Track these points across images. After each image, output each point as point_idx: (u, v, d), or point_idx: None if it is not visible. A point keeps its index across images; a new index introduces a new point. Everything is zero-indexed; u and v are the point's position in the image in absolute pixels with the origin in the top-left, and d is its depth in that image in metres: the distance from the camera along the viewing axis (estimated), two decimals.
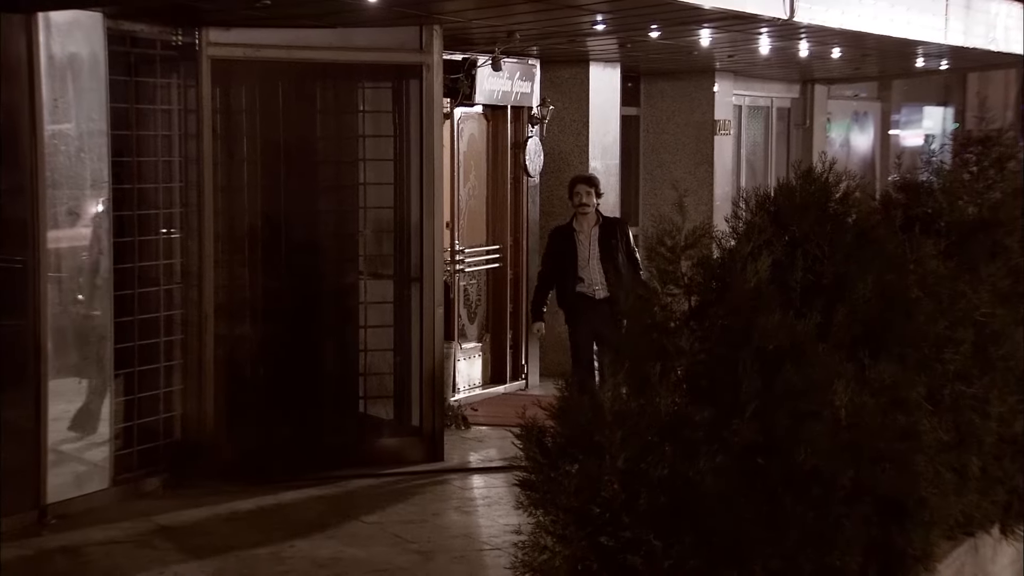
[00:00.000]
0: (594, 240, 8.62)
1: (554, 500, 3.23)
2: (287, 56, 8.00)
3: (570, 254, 8.64)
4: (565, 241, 8.70)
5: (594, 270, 8.57)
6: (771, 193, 4.12)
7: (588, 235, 8.65)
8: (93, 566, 6.33)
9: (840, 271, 3.94)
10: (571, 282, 8.60)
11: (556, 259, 8.76)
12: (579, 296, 8.59)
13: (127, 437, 7.57)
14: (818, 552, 3.20)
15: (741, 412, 3.23)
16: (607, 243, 8.57)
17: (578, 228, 8.70)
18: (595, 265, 8.57)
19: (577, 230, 8.70)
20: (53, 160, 6.93)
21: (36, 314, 6.93)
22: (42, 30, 6.79)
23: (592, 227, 8.66)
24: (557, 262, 8.74)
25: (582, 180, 8.93)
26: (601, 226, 8.69)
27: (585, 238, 8.65)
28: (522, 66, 10.34)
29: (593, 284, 8.58)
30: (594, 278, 8.57)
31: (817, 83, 15.02)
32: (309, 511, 7.25)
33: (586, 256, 8.62)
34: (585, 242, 8.64)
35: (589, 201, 8.68)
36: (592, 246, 8.61)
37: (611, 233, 8.63)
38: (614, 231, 8.67)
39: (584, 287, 8.58)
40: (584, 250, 8.63)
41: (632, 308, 3.50)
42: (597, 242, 8.61)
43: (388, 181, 8.39)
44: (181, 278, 7.88)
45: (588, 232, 8.65)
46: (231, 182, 8.02)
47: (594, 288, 8.58)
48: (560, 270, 8.69)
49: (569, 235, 8.71)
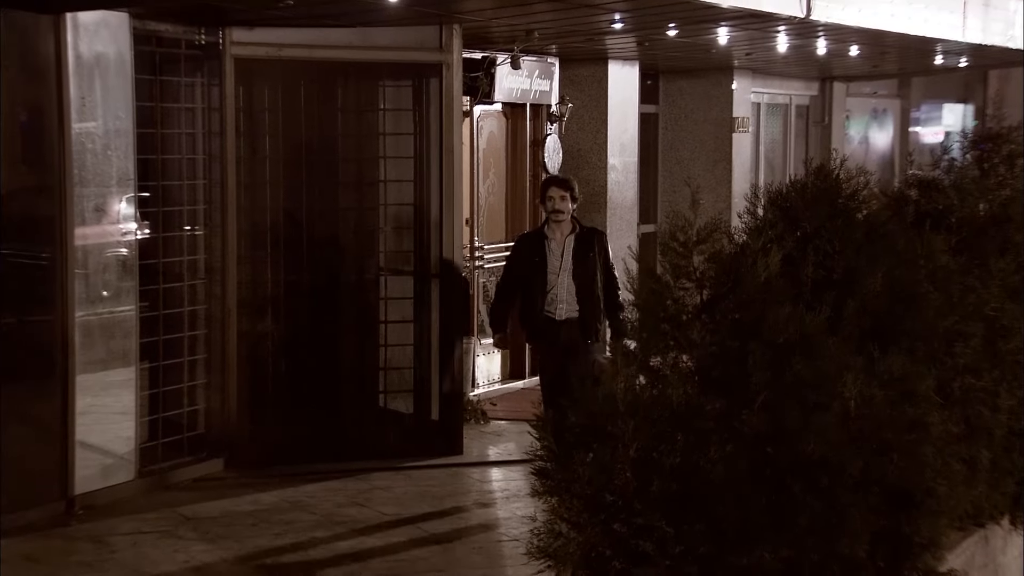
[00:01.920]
0: (568, 251, 7.47)
1: (569, 488, 3.33)
2: (309, 55, 8.11)
3: (538, 265, 7.47)
4: (533, 249, 7.55)
5: (563, 286, 7.43)
6: (783, 189, 4.20)
7: (561, 245, 7.50)
8: (120, 555, 6.45)
9: (850, 266, 4.02)
10: (538, 298, 7.49)
11: (521, 270, 7.61)
12: (546, 315, 7.50)
13: (152, 430, 7.70)
14: (826, 539, 3.28)
15: (751, 403, 3.32)
16: (582, 256, 7.46)
17: (550, 236, 7.54)
18: (565, 280, 7.44)
19: (549, 238, 7.54)
20: (80, 158, 7.05)
21: (64, 310, 7.05)
22: (70, 30, 6.91)
23: (566, 236, 7.52)
24: (522, 273, 7.59)
25: (556, 183, 7.77)
26: (577, 236, 7.54)
27: (557, 247, 7.49)
28: (541, 64, 10.43)
29: (558, 301, 7.45)
30: (560, 294, 7.44)
31: (836, 80, 15.06)
32: (330, 503, 7.35)
33: (556, 268, 7.46)
34: (557, 251, 7.48)
35: (564, 207, 7.52)
36: (565, 258, 7.46)
37: (588, 245, 7.50)
38: (591, 243, 7.53)
39: (549, 305, 7.47)
40: (555, 261, 7.47)
41: (646, 301, 3.59)
42: (571, 254, 7.46)
43: (408, 178, 8.48)
44: (205, 274, 8.00)
45: (561, 242, 7.50)
46: (254, 179, 8.13)
47: (558, 306, 7.45)
48: (525, 283, 7.56)
49: (539, 243, 7.56)
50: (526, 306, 7.57)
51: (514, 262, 7.79)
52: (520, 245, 7.83)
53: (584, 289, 7.40)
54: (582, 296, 7.39)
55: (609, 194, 11.18)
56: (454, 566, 6.31)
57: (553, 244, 7.50)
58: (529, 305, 7.54)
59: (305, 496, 7.49)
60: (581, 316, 7.41)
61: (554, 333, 7.47)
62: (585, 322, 7.42)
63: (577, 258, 7.43)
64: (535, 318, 7.53)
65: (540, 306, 7.47)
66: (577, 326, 7.40)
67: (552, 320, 7.46)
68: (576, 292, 7.40)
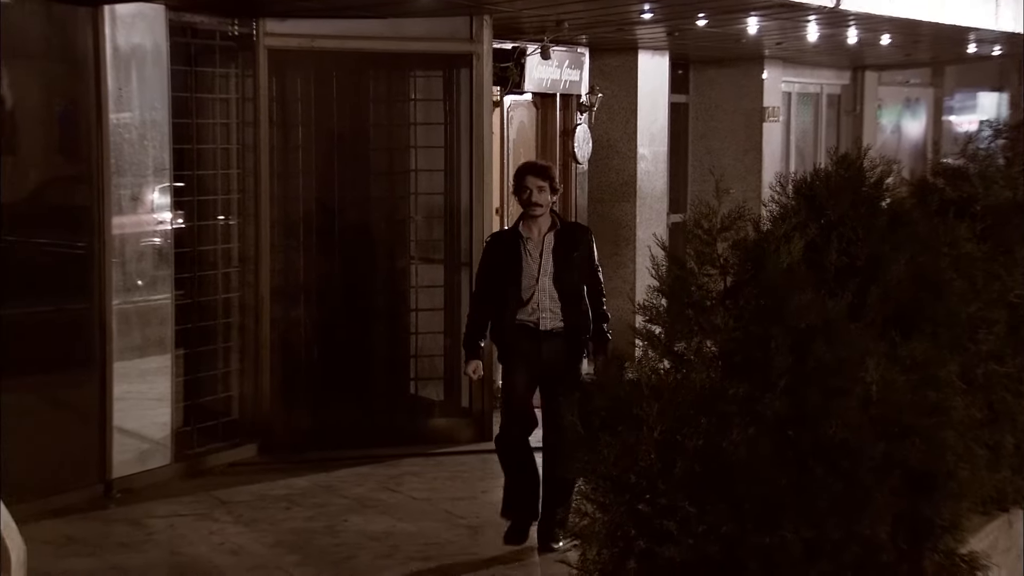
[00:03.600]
0: (547, 251, 6.35)
1: (594, 469, 3.41)
2: (341, 46, 8.21)
3: (513, 269, 6.35)
4: (507, 252, 6.40)
5: (543, 291, 6.31)
6: (807, 178, 4.26)
7: (539, 244, 6.36)
8: (157, 537, 6.59)
9: (874, 253, 4.06)
10: (511, 307, 6.33)
11: (494, 276, 6.46)
12: (520, 328, 6.32)
13: (187, 416, 7.83)
14: (847, 520, 3.34)
15: (773, 387, 3.38)
16: (564, 257, 6.35)
17: (526, 235, 6.39)
18: (546, 284, 6.31)
19: (525, 237, 6.39)
20: (117, 148, 7.18)
21: (101, 298, 7.18)
22: (108, 22, 7.03)
23: (544, 234, 6.38)
24: (496, 279, 6.43)
25: (532, 170, 6.50)
26: (558, 234, 6.40)
27: (535, 248, 6.36)
28: (571, 54, 10.48)
29: (539, 310, 6.30)
30: (542, 302, 6.30)
31: (868, 69, 15.02)
32: (362, 488, 7.47)
33: (534, 272, 6.32)
34: (535, 253, 6.36)
35: (541, 199, 6.35)
36: (544, 259, 6.34)
37: (571, 244, 6.40)
38: (575, 242, 6.42)
39: (526, 314, 6.32)
40: (532, 264, 6.34)
41: (671, 287, 3.66)
42: (551, 254, 6.35)
43: (439, 168, 8.57)
44: (238, 262, 8.12)
45: (539, 241, 6.36)
46: (287, 169, 8.24)
47: (539, 315, 6.30)
48: (499, 290, 6.40)
49: (513, 244, 6.40)
50: (499, 318, 6.41)
51: (486, 268, 6.58)
52: (492, 248, 6.59)
53: (569, 295, 6.32)
54: (567, 304, 6.31)
55: (639, 184, 11.23)
56: (484, 549, 6.40)
57: (530, 244, 6.37)
58: (502, 316, 6.38)
59: (337, 481, 7.60)
60: (567, 328, 6.32)
61: (534, 346, 6.31)
62: (572, 335, 6.34)
63: (559, 259, 6.34)
64: (508, 329, 6.36)
65: (513, 315, 6.33)
66: (562, 340, 6.31)
67: (534, 330, 6.31)
68: (560, 299, 6.30)
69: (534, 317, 6.32)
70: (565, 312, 6.32)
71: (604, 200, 11.20)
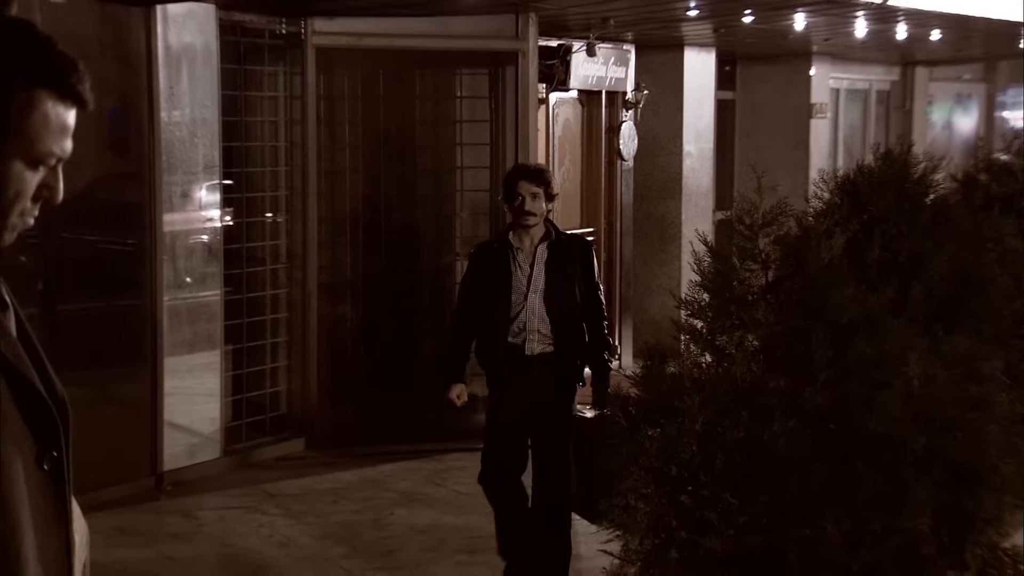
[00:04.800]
0: (539, 265, 5.62)
1: (636, 461, 3.45)
2: (387, 44, 8.29)
3: (501, 284, 5.62)
4: (496, 265, 5.67)
5: (531, 310, 5.58)
6: (850, 174, 4.27)
7: (531, 257, 5.63)
8: (207, 529, 6.69)
9: (916, 249, 4.07)
10: (500, 327, 5.60)
11: (479, 291, 5.74)
12: (510, 350, 5.60)
13: (236, 410, 7.94)
14: (888, 513, 3.35)
15: (814, 380, 3.40)
16: (559, 272, 5.62)
17: (517, 245, 5.66)
18: (536, 302, 5.58)
19: (516, 248, 5.66)
20: (168, 146, 7.29)
21: (153, 294, 7.30)
22: (160, 21, 7.15)
23: (536, 245, 5.65)
24: (481, 295, 5.72)
25: (526, 174, 5.74)
26: (552, 246, 5.66)
27: (526, 260, 5.64)
28: (617, 51, 10.50)
29: (526, 331, 5.58)
30: (531, 322, 5.57)
31: (918, 65, 14.91)
32: (407, 482, 7.54)
33: (523, 288, 5.60)
34: (525, 266, 5.63)
35: (536, 207, 5.61)
36: (536, 274, 5.61)
37: (566, 258, 5.66)
38: (571, 255, 5.68)
39: (514, 336, 5.59)
40: (521, 279, 5.62)
41: (713, 282, 3.69)
42: (543, 268, 5.61)
43: (484, 165, 8.63)
44: (286, 258, 8.22)
45: (531, 252, 5.64)
46: (334, 166, 8.34)
47: (525, 337, 5.58)
48: (484, 308, 5.69)
49: (502, 256, 5.66)
50: (484, 339, 5.72)
51: (471, 282, 5.85)
52: (477, 259, 5.86)
53: (562, 315, 5.59)
54: (559, 325, 5.58)
55: (684, 180, 11.23)
56: None
57: (521, 257, 5.65)
58: (488, 337, 5.69)
59: (383, 475, 7.68)
60: (557, 352, 5.57)
61: (521, 372, 5.59)
62: (562, 361, 5.60)
63: (551, 273, 5.60)
64: (497, 352, 5.64)
65: (502, 337, 5.60)
66: (551, 365, 5.58)
67: (519, 353, 5.59)
68: (551, 319, 5.58)
69: (520, 339, 5.58)
70: (556, 335, 5.56)
71: (649, 197, 11.22)
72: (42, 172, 1.82)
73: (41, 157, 1.80)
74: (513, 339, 5.60)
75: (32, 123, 1.76)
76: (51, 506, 1.83)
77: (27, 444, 1.80)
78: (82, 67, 1.80)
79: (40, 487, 1.81)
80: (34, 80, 1.76)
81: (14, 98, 1.75)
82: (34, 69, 1.76)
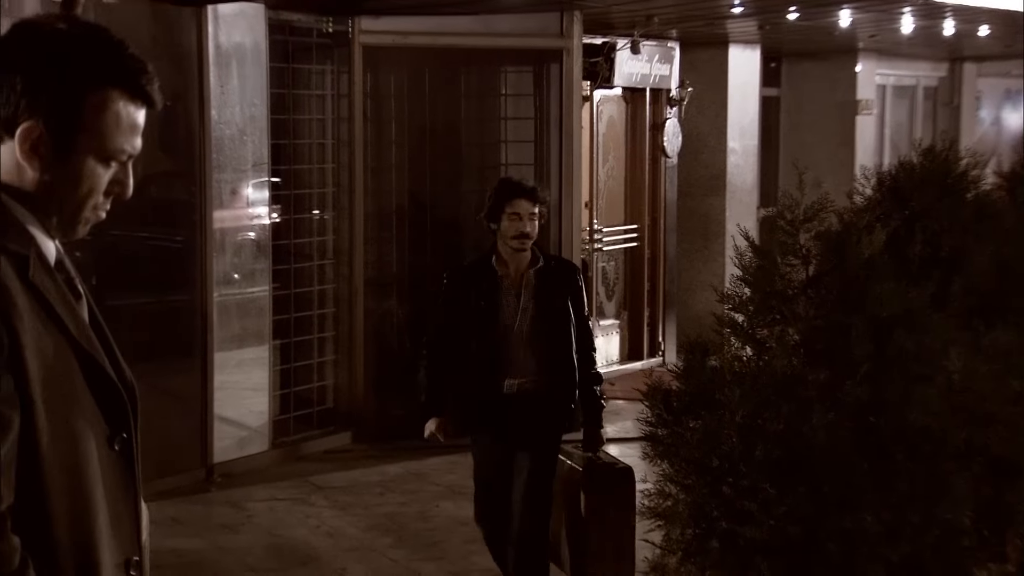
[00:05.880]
0: (527, 294, 5.01)
1: (678, 452, 3.51)
2: (433, 42, 8.37)
3: (484, 316, 4.99)
4: (479, 293, 5.02)
5: (518, 345, 4.99)
6: (892, 170, 4.30)
7: (517, 284, 5.03)
8: (256, 519, 6.81)
9: (958, 244, 4.11)
10: (485, 364, 5.00)
11: (458, 320, 5.07)
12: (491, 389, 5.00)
13: (284, 404, 8.05)
14: (928, 505, 3.39)
15: (854, 374, 3.45)
16: (548, 300, 5.01)
17: (502, 272, 5.04)
18: (523, 336, 4.99)
19: (501, 275, 5.04)
20: (218, 144, 7.40)
21: (203, 290, 7.41)
22: (211, 21, 7.26)
23: (523, 272, 5.05)
24: (460, 325, 5.06)
25: (523, 192, 5.07)
26: (540, 272, 5.05)
27: (512, 287, 5.03)
28: (661, 49, 10.53)
29: (513, 368, 5.01)
30: (516, 358, 4.98)
31: (966, 61, 14.81)
32: (452, 475, 7.61)
33: (512, 319, 5.00)
34: (512, 293, 5.02)
35: (531, 229, 5.02)
36: (524, 304, 5.00)
37: (556, 286, 5.05)
38: (560, 284, 5.06)
39: (498, 374, 5.03)
40: (510, 310, 5.00)
41: (754, 277, 3.74)
42: (532, 298, 5.01)
43: (528, 162, 8.69)
44: (333, 255, 8.32)
45: (517, 280, 5.04)
46: (380, 163, 8.43)
47: (511, 375, 5.00)
48: (463, 341, 5.04)
49: (486, 284, 5.02)
50: (464, 376, 5.08)
51: (448, 308, 5.13)
52: (456, 286, 5.14)
53: (553, 350, 5.00)
54: (549, 361, 5.00)
55: (728, 177, 11.25)
56: None
57: (506, 283, 5.03)
58: (466, 375, 5.06)
59: (428, 468, 7.76)
60: (545, 391, 5.00)
61: (502, 413, 4.99)
62: (550, 400, 5.02)
63: (541, 304, 5.00)
64: (476, 392, 5.05)
65: (487, 374, 5.00)
66: (537, 406, 4.98)
67: (501, 393, 4.99)
68: (540, 355, 5.00)
69: (503, 377, 5.01)
70: (545, 372, 5.00)
71: (693, 194, 11.24)
72: (113, 168, 1.93)
73: (113, 154, 1.91)
74: (496, 377, 4.97)
75: (105, 122, 1.87)
76: (122, 484, 1.94)
77: (99, 426, 1.91)
78: (151, 69, 1.91)
79: (111, 466, 1.92)
80: (107, 81, 1.87)
81: (89, 98, 1.86)
82: (107, 70, 1.86)
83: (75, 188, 1.89)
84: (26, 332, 1.79)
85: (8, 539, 1.76)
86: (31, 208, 1.88)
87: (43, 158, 1.87)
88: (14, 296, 1.79)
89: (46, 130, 1.85)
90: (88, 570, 1.88)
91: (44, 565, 1.81)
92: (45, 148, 1.86)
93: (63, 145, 1.87)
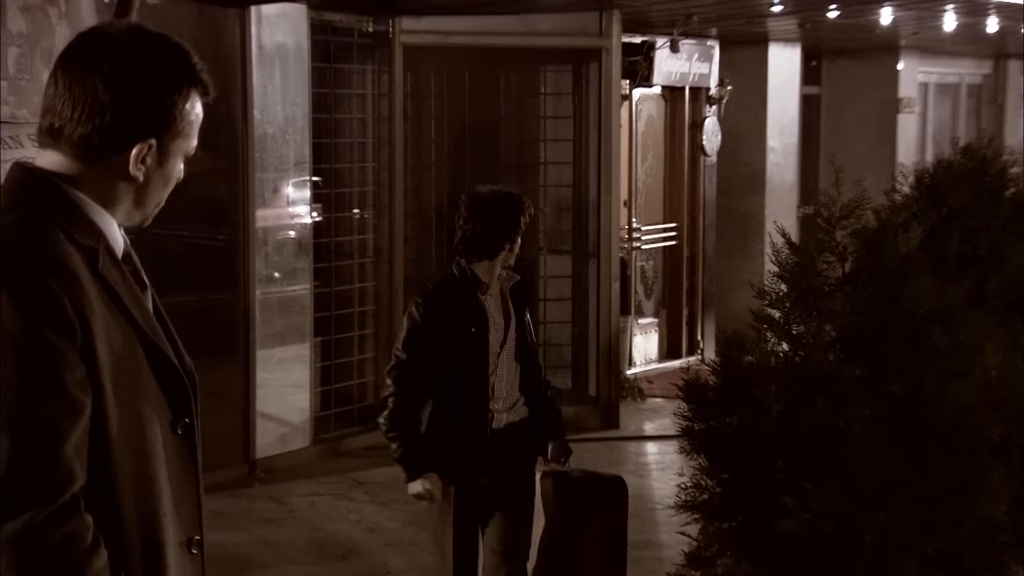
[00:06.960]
0: (510, 314, 4.47)
1: (714, 446, 3.55)
2: (473, 42, 8.41)
3: (473, 341, 4.33)
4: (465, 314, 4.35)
5: (504, 372, 4.42)
6: (929, 168, 4.31)
7: (500, 304, 4.46)
8: (299, 513, 6.90)
9: (995, 242, 4.12)
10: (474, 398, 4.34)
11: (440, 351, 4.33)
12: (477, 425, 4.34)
13: (324, 401, 8.12)
14: (964, 500, 3.42)
15: (889, 369, 3.47)
16: (522, 320, 4.51)
17: (482, 295, 4.39)
18: (508, 362, 4.43)
19: (482, 298, 4.40)
20: (261, 143, 7.48)
21: (246, 288, 7.48)
22: (254, 22, 7.34)
23: (503, 289, 4.50)
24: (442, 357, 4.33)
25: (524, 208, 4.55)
26: (514, 289, 4.53)
27: (496, 308, 4.44)
28: (700, 47, 10.53)
29: (497, 399, 4.39)
30: (501, 387, 4.40)
31: (1011, 58, 14.68)
32: None
33: (499, 344, 4.40)
34: (497, 315, 4.43)
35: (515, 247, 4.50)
36: (508, 326, 4.45)
37: (525, 300, 4.58)
38: (526, 296, 4.62)
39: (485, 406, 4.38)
40: (496, 335, 4.40)
41: (791, 274, 3.77)
42: (514, 318, 4.47)
43: (567, 160, 8.73)
44: (373, 253, 8.37)
45: (499, 299, 4.47)
46: (420, 162, 8.49)
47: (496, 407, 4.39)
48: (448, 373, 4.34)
49: (472, 305, 4.36)
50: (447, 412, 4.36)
51: (427, 334, 4.34)
52: (435, 307, 4.36)
53: (528, 373, 4.50)
54: (525, 383, 4.49)
55: (768, 176, 11.23)
56: None
57: (490, 303, 4.42)
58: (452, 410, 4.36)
59: None
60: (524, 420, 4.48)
61: (486, 450, 4.35)
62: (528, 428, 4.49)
63: (520, 321, 4.49)
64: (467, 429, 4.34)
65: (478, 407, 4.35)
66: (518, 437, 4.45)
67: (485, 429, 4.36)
68: (519, 381, 4.46)
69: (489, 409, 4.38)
70: (524, 399, 4.48)
71: (732, 193, 11.23)
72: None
73: (191, 152, 2.00)
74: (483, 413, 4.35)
75: (192, 123, 1.98)
76: (184, 467, 2.03)
77: (164, 411, 1.99)
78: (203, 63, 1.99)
79: (175, 450, 2.00)
80: (189, 83, 1.95)
81: (180, 105, 1.94)
82: (186, 74, 1.95)
83: (165, 186, 2.03)
84: (97, 322, 1.87)
85: (82, 517, 1.84)
86: (102, 203, 1.96)
87: (149, 168, 1.98)
88: (85, 287, 1.88)
89: (157, 144, 1.96)
90: (153, 547, 1.96)
91: (113, 542, 1.89)
92: (152, 159, 1.97)
93: (166, 152, 1.99)
